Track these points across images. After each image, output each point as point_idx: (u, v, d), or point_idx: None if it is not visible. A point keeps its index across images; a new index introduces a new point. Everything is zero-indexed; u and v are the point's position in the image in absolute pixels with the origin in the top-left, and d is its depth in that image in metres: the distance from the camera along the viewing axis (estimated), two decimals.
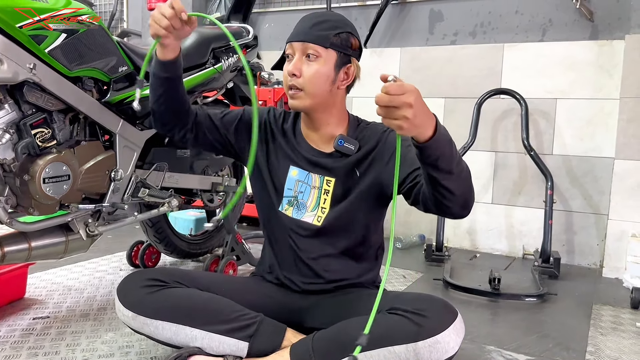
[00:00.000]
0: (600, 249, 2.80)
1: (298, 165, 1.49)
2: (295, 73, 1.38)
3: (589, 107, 2.81)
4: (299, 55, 1.39)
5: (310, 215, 1.47)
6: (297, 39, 1.39)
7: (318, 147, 1.48)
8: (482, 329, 1.91)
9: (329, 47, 1.38)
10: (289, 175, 1.49)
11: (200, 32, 2.07)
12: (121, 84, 1.77)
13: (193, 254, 2.50)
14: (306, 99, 1.40)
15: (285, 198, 1.50)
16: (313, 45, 1.37)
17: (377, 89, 1.41)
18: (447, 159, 1.13)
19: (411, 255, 2.94)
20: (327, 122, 1.46)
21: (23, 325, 1.76)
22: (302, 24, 1.42)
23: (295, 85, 1.39)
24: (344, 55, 1.41)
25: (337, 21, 1.42)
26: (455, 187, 1.18)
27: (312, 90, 1.39)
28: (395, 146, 1.40)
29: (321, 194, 1.47)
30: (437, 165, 1.13)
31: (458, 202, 1.21)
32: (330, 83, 1.41)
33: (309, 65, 1.38)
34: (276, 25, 3.75)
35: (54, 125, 1.59)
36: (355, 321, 1.29)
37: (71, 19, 1.55)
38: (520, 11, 2.97)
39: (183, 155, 2.14)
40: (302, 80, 1.38)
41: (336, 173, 1.46)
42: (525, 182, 2.98)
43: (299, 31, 1.41)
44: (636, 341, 1.85)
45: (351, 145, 1.45)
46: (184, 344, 1.33)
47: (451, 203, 1.20)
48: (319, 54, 1.38)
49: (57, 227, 1.72)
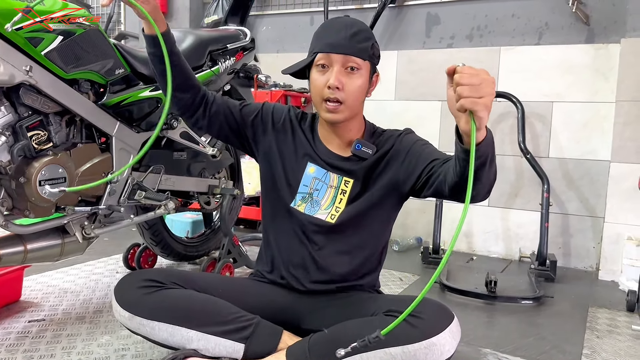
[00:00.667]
0: (596, 251, 2.80)
1: (316, 163, 1.49)
2: (339, 86, 1.35)
3: (585, 110, 2.82)
4: (339, 67, 1.35)
5: (324, 213, 1.46)
6: (339, 51, 1.35)
7: (336, 151, 1.49)
8: (479, 332, 1.92)
9: (367, 59, 1.38)
10: (305, 172, 1.49)
11: (197, 35, 2.07)
12: (118, 87, 1.77)
13: (190, 256, 2.49)
14: (345, 112, 1.38)
15: (300, 194, 1.49)
16: (355, 58, 1.36)
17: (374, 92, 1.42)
18: (490, 159, 1.12)
19: (408, 257, 2.94)
20: (350, 128, 1.46)
21: (18, 328, 1.75)
22: (337, 34, 1.37)
23: (336, 99, 1.36)
24: (373, 65, 1.42)
25: (367, 31, 1.41)
26: (486, 180, 1.16)
27: (353, 104, 1.38)
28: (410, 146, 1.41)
29: (338, 193, 1.47)
30: (484, 164, 1.11)
31: (483, 191, 1.19)
32: (365, 93, 1.42)
33: (350, 78, 1.36)
34: (273, 28, 3.75)
35: (50, 128, 1.59)
36: (351, 324, 1.30)
37: (70, 20, 1.55)
38: (517, 15, 2.98)
39: (180, 157, 2.14)
40: (344, 94, 1.36)
41: (355, 175, 1.46)
42: (522, 185, 2.98)
43: (337, 42, 1.36)
44: (632, 344, 1.86)
45: (369, 149, 1.45)
46: (180, 345, 1.33)
47: (477, 193, 1.17)
48: (360, 66, 1.37)
49: (53, 230, 1.71)
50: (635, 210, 2.56)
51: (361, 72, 1.37)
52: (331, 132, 1.48)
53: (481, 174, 1.13)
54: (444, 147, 3.14)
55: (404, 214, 3.39)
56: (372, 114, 3.28)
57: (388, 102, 3.28)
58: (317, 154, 1.49)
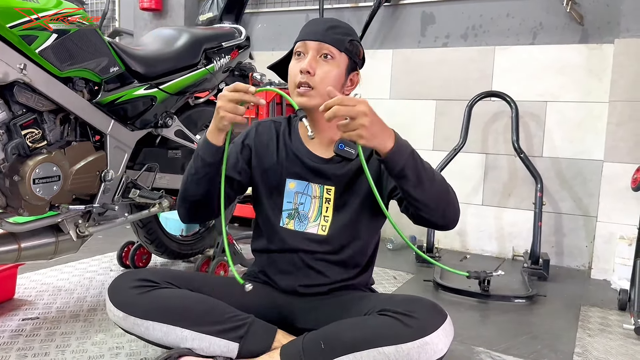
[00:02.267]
0: (589, 250, 2.82)
1: (295, 177, 1.48)
2: (310, 70, 1.37)
3: (579, 110, 2.83)
4: (313, 54, 1.39)
5: (314, 226, 1.47)
6: (314, 38, 1.39)
7: (317, 152, 1.48)
8: (472, 330, 1.93)
9: (343, 51, 1.40)
10: (286, 189, 1.48)
11: (192, 33, 2.07)
12: (112, 85, 1.77)
13: (184, 254, 2.49)
14: (316, 98, 1.38)
15: (285, 212, 1.48)
16: (329, 46, 1.39)
17: (369, 91, 1.43)
18: (412, 169, 1.22)
19: (402, 256, 2.95)
20: (329, 125, 1.46)
21: (12, 326, 1.75)
22: (315, 26, 1.42)
23: (307, 83, 1.38)
24: (353, 62, 1.44)
25: (348, 29, 1.45)
26: (428, 199, 1.26)
27: (323, 90, 1.37)
28: None
29: (323, 202, 1.47)
30: (404, 175, 1.22)
31: (436, 213, 1.29)
32: (340, 87, 1.42)
33: (323, 64, 1.39)
34: (269, 25, 3.75)
35: (45, 126, 1.58)
36: (345, 323, 1.30)
37: (71, 20, 1.55)
38: (512, 14, 2.99)
39: (174, 156, 2.14)
40: (315, 78, 1.38)
41: (336, 181, 1.46)
42: (515, 184, 3.00)
43: (313, 31, 1.41)
44: (623, 342, 1.87)
45: (352, 149, 1.45)
46: (175, 344, 1.33)
47: (427, 214, 1.29)
48: (334, 55, 1.39)
49: (47, 228, 1.71)
50: (627, 209, 2.58)
51: (336, 61, 1.40)
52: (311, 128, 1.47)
53: (415, 192, 1.24)
54: (438, 145, 3.15)
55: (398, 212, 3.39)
56: None
57: (383, 101, 3.28)
58: (296, 161, 1.48)
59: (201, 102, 2.23)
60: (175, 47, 1.99)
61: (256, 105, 1.38)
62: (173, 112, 2.04)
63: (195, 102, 2.21)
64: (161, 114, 1.97)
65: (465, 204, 3.10)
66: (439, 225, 1.33)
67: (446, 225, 1.34)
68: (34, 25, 1.46)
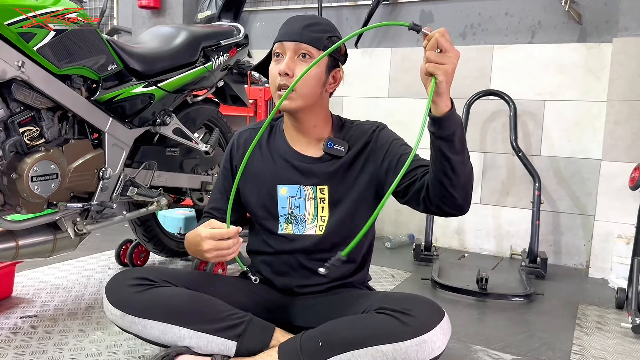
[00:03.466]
0: (586, 249, 2.83)
1: (286, 182, 1.48)
2: (288, 72, 1.36)
3: (577, 109, 2.83)
4: (290, 54, 1.37)
5: (312, 227, 1.47)
6: (291, 39, 1.37)
7: (306, 152, 1.48)
8: (469, 329, 1.93)
9: (322, 50, 1.37)
10: (279, 195, 1.48)
11: (190, 31, 2.06)
12: (110, 82, 1.77)
13: (182, 252, 2.49)
14: (298, 100, 1.38)
15: (282, 217, 1.48)
16: (307, 46, 1.37)
17: (367, 89, 1.43)
18: (459, 138, 1.19)
19: (400, 254, 2.95)
20: (314, 124, 1.46)
21: (10, 324, 1.75)
22: (292, 25, 1.40)
23: (287, 85, 1.36)
24: (334, 59, 1.42)
25: (327, 25, 1.43)
26: (463, 172, 1.22)
27: (303, 91, 1.37)
28: (388, 146, 1.42)
29: (318, 203, 1.47)
30: (452, 140, 1.18)
31: (461, 191, 1.24)
32: (321, 85, 1.41)
33: (301, 65, 1.37)
34: (267, 24, 3.75)
35: (43, 124, 1.58)
36: (343, 321, 1.30)
37: (71, 20, 1.55)
38: (510, 13, 2.99)
39: (172, 154, 2.14)
40: (294, 80, 1.36)
41: (328, 179, 1.46)
42: (514, 182, 3.00)
43: (290, 31, 1.39)
44: (620, 341, 1.88)
45: (341, 146, 1.45)
46: (172, 343, 1.33)
47: (455, 191, 1.23)
48: (312, 55, 1.37)
49: (45, 226, 1.71)
50: (625, 208, 2.59)
51: (313, 60, 1.35)
52: (297, 132, 1.47)
53: (456, 163, 1.20)
54: None
55: (396, 211, 3.42)
56: (365, 111, 3.31)
57: (381, 100, 3.28)
58: (285, 165, 1.48)
59: (199, 100, 2.22)
60: (173, 45, 1.99)
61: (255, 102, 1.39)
62: (171, 110, 2.03)
63: (193, 100, 2.20)
64: (159, 112, 1.97)
65: None
66: (457, 206, 1.26)
67: (462, 207, 1.27)
68: (32, 24, 1.46)
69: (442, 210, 1.29)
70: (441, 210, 1.30)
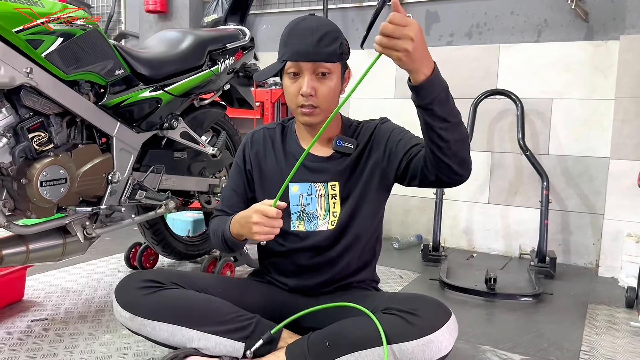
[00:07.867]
0: (596, 248, 2.81)
1: (297, 180, 1.48)
2: (312, 94, 1.36)
3: (584, 107, 2.82)
4: (309, 75, 1.35)
5: (324, 223, 1.48)
6: (307, 59, 1.35)
7: (316, 152, 1.49)
8: (478, 329, 1.93)
9: (337, 62, 1.38)
10: (290, 194, 1.49)
11: (196, 35, 2.08)
12: (118, 87, 1.79)
13: (191, 255, 2.51)
14: (321, 115, 1.40)
15: (294, 215, 1.49)
16: (325, 64, 1.36)
17: (373, 89, 1.43)
18: (442, 105, 1.18)
19: (408, 255, 2.95)
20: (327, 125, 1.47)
21: (21, 328, 1.77)
22: (302, 41, 1.35)
23: (310, 105, 1.37)
24: (344, 63, 1.44)
25: (333, 31, 1.39)
26: (452, 138, 1.20)
27: (328, 106, 1.39)
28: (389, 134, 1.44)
29: (329, 199, 1.48)
30: (432, 109, 1.17)
31: (456, 158, 1.23)
32: (339, 93, 1.43)
33: (322, 83, 1.37)
34: (273, 26, 3.76)
35: (51, 129, 1.60)
36: (350, 322, 1.31)
37: (71, 20, 1.56)
38: (516, 12, 2.99)
39: (180, 157, 2.15)
40: (318, 99, 1.37)
41: (339, 175, 1.47)
42: (521, 182, 2.99)
43: (304, 50, 1.34)
44: (630, 340, 1.87)
45: (350, 144, 1.47)
46: (181, 344, 1.35)
47: (449, 158, 1.22)
48: (330, 70, 1.37)
49: (54, 230, 1.73)
50: (634, 207, 2.57)
51: (332, 75, 1.38)
52: (308, 133, 1.49)
53: (443, 131, 1.19)
54: None
55: (404, 211, 3.41)
56: (371, 111, 3.31)
57: (388, 100, 3.28)
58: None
59: (206, 104, 2.24)
60: (180, 49, 2.00)
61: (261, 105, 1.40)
62: (178, 114, 2.05)
63: (200, 103, 2.22)
64: (166, 116, 1.98)
65: (472, 203, 3.09)
66: (455, 173, 1.25)
67: (461, 175, 1.26)
68: (38, 29, 1.47)
69: (441, 180, 1.28)
70: (440, 181, 1.29)
